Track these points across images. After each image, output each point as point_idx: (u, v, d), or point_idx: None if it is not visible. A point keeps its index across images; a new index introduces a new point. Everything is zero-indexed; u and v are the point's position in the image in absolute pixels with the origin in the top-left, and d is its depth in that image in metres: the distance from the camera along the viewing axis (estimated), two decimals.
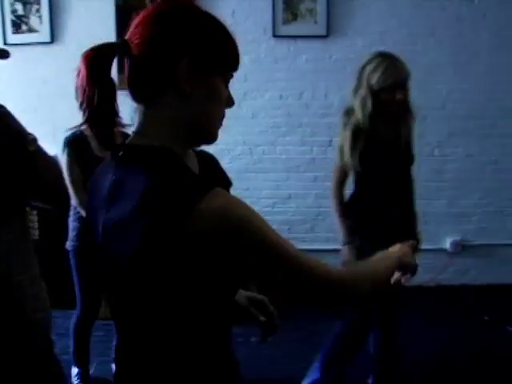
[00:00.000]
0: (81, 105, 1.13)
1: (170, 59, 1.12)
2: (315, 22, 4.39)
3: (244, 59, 1.28)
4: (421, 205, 4.62)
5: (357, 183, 2.93)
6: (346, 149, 2.75)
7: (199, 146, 1.27)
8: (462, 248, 4.75)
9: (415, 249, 1.53)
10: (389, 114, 2.80)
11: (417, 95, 4.43)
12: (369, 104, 2.72)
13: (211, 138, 1.22)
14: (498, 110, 4.60)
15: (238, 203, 1.08)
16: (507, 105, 4.59)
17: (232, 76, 1.22)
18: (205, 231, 1.04)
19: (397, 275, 1.44)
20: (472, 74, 4.55)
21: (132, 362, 1.25)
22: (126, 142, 1.18)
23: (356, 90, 2.81)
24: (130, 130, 1.20)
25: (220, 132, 1.23)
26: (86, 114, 1.12)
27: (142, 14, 1.16)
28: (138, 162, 1.14)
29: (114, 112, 1.15)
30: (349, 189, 3.00)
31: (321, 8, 4.35)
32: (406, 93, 2.79)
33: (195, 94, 1.14)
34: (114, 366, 1.38)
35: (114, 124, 1.16)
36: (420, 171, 4.57)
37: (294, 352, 3.58)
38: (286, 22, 4.37)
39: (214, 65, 1.16)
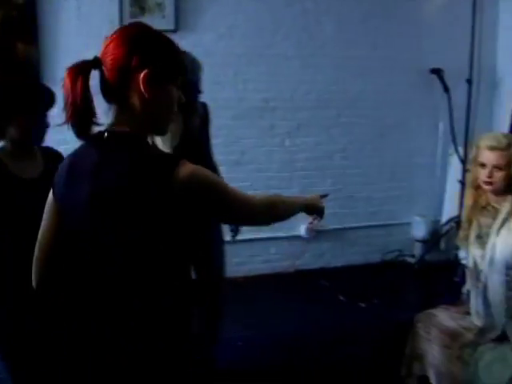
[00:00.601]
0: (64, 107, 1.47)
1: (132, 72, 1.47)
2: (163, 17, 4.33)
3: (89, 55, 1.50)
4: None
5: None
6: None
7: (156, 135, 1.71)
8: (316, 233, 4.96)
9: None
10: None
11: (266, 88, 4.61)
12: None
13: (164, 130, 1.62)
14: (343, 100, 4.83)
15: (202, 168, 1.49)
16: (352, 95, 4.84)
17: (180, 79, 1.57)
18: (184, 188, 1.42)
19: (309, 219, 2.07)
20: (318, 66, 4.73)
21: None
22: (104, 131, 1.51)
23: None
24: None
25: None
26: (69, 113, 1.46)
27: (112, 36, 1.51)
28: (120, 144, 1.49)
29: (90, 112, 1.47)
30: None
31: (169, 2, 4.30)
32: None
33: (153, 97, 1.49)
34: None
35: (90, 121, 1.48)
36: (272, 162, 4.75)
37: None
38: (133, 15, 4.25)
39: (167, 76, 1.53)
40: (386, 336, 3.61)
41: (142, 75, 1.46)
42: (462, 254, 3.00)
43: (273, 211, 1.78)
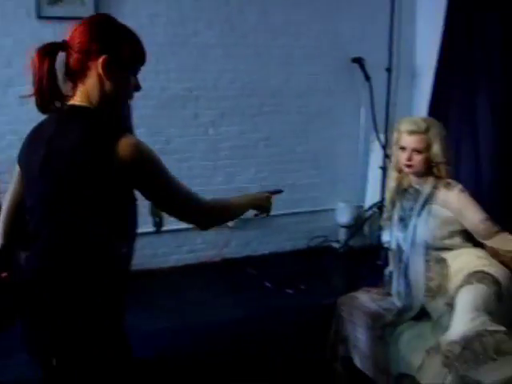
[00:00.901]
0: (33, 83, 1.65)
1: (93, 56, 1.65)
2: (82, 4, 4.21)
3: (6, 42, 1.43)
4: (200, 184, 4.76)
5: None
6: None
7: (112, 113, 1.76)
8: (241, 222, 4.97)
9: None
10: None
11: (188, 77, 4.57)
12: None
13: (118, 111, 1.81)
14: (266, 89, 4.85)
15: (145, 143, 1.65)
16: (275, 84, 4.87)
17: (140, 68, 1.76)
18: (125, 157, 1.58)
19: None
20: (241, 56, 4.73)
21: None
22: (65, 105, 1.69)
23: None
24: None
25: None
26: (35, 89, 1.65)
27: (80, 24, 1.68)
28: (75, 116, 1.68)
29: (54, 89, 1.66)
30: None
31: None
32: None
33: (110, 81, 1.67)
34: None
35: (54, 98, 1.67)
36: (196, 151, 4.72)
37: None
38: (50, 2, 4.13)
39: (125, 63, 1.70)
40: (313, 320, 3.66)
41: (100, 60, 1.64)
42: (385, 237, 3.05)
43: (221, 216, 1.96)
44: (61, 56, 1.69)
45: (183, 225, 4.53)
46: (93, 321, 1.67)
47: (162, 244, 4.75)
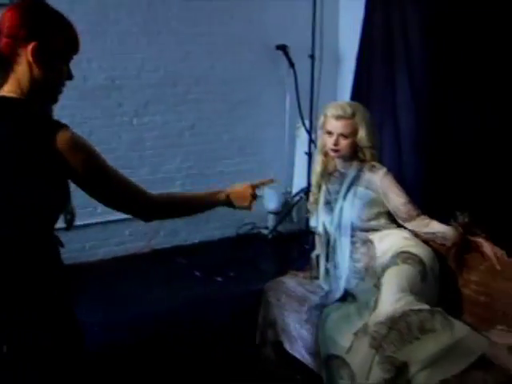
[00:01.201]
0: None
1: (21, 42, 1.58)
2: None
3: None
4: (126, 174, 4.69)
5: None
6: None
7: (45, 102, 1.76)
8: None
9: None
10: None
11: (111, 66, 4.48)
12: None
13: (52, 100, 1.73)
14: (190, 77, 4.81)
15: (82, 137, 1.65)
16: (199, 72, 4.83)
17: (72, 57, 1.72)
18: (63, 149, 1.57)
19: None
20: (164, 44, 4.67)
21: None
22: None
23: None
24: None
25: None
26: None
27: (11, 7, 1.60)
28: (4, 108, 1.60)
29: None
30: None
31: None
32: None
33: (40, 68, 1.60)
34: None
35: None
36: (121, 142, 4.65)
37: None
38: None
39: (56, 51, 1.64)
40: (242, 307, 3.68)
41: (30, 46, 1.58)
42: (312, 222, 3.09)
43: (166, 209, 1.96)
44: None
45: (110, 217, 4.57)
46: (42, 309, 1.67)
47: (90, 237, 4.66)
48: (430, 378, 2.21)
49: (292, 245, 4.98)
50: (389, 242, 2.70)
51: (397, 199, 2.69)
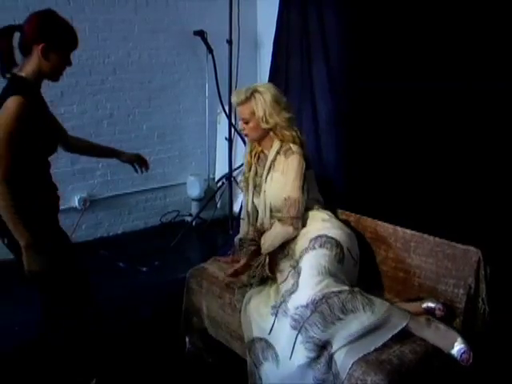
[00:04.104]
0: None
1: (35, 42, 2.29)
2: None
3: None
4: None
5: None
6: None
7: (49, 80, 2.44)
8: (90, 203, 4.84)
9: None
10: None
11: None
12: None
13: (54, 80, 2.45)
14: (106, 65, 4.70)
15: (21, 107, 2.22)
16: (115, 60, 4.73)
17: (72, 52, 2.40)
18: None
19: None
20: (78, 31, 4.38)
21: None
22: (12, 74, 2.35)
23: None
24: None
25: None
26: None
27: (31, 16, 2.32)
28: (11, 83, 2.31)
29: (10, 62, 2.32)
30: None
31: None
32: None
33: (47, 61, 2.31)
34: None
35: (11, 65, 2.32)
36: None
37: None
38: None
39: (59, 49, 2.33)
40: (167, 296, 3.66)
41: (40, 47, 2.28)
42: (236, 207, 3.10)
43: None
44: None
45: None
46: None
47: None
48: (351, 354, 2.26)
49: (216, 231, 4.97)
50: (308, 224, 2.72)
51: (285, 188, 2.70)
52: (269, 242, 2.69)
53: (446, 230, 2.69)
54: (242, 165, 5.04)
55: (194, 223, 5.06)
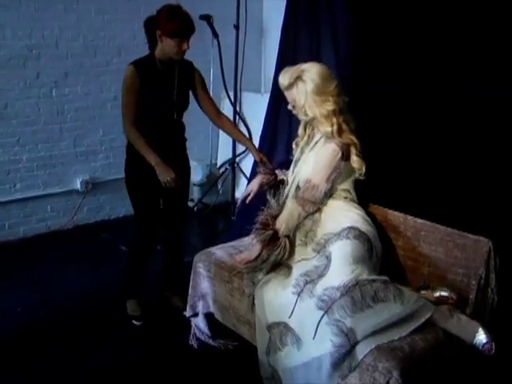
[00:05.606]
0: None
1: (157, 29, 2.98)
2: None
3: None
4: (46, 148, 4.54)
5: None
6: None
7: (170, 59, 3.09)
8: (92, 186, 4.81)
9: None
10: None
11: (27, 34, 4.28)
12: None
13: (176, 58, 3.08)
14: (111, 46, 4.68)
15: (127, 73, 3.12)
16: (120, 42, 4.71)
17: (182, 37, 2.99)
18: None
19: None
20: (83, 11, 4.53)
21: None
22: None
23: None
24: None
25: None
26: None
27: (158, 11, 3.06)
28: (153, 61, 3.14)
29: (152, 43, 3.11)
30: None
31: None
32: None
33: (164, 42, 3.00)
34: None
35: (154, 46, 3.12)
36: (40, 114, 4.47)
37: None
38: None
39: (170, 34, 2.96)
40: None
41: (158, 32, 2.98)
42: (238, 193, 3.08)
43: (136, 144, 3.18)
44: None
45: (30, 193, 4.42)
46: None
47: (9, 215, 4.50)
48: (371, 341, 2.25)
49: (218, 217, 4.96)
50: (339, 213, 2.66)
51: (312, 174, 2.65)
52: (284, 222, 2.65)
53: (456, 220, 2.69)
54: (244, 151, 5.03)
55: (195, 208, 5.04)
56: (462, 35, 3.41)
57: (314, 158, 2.69)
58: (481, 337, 2.31)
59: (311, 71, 2.63)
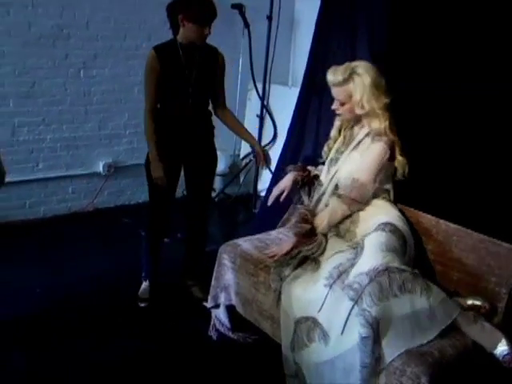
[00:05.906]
0: None
1: (179, 14, 3.00)
2: None
3: None
4: (71, 129, 4.52)
5: None
6: None
7: (192, 44, 3.08)
8: (114, 170, 4.79)
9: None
10: None
11: (58, 13, 4.25)
12: None
13: (197, 42, 3.08)
14: (142, 31, 4.64)
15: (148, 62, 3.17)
16: (150, 27, 4.64)
17: (203, 23, 3.00)
18: None
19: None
20: None
21: None
22: None
23: None
24: None
25: None
26: None
27: None
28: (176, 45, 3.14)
29: (176, 27, 3.12)
30: None
31: None
32: None
33: (185, 27, 3.02)
34: None
35: (177, 31, 3.13)
36: (66, 94, 4.44)
37: None
38: None
39: (190, 19, 2.98)
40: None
41: (180, 16, 2.99)
42: (260, 186, 3.05)
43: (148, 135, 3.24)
44: None
45: (52, 173, 4.40)
46: None
47: (30, 194, 4.48)
48: (399, 345, 2.22)
49: (239, 208, 4.93)
50: (378, 210, 2.64)
51: (358, 172, 2.63)
52: (326, 219, 2.62)
53: (489, 226, 2.64)
54: (269, 142, 4.99)
55: (217, 199, 5.01)
56: (500, 34, 3.36)
57: (360, 158, 2.66)
58: (503, 347, 2.28)
59: (364, 67, 2.64)
